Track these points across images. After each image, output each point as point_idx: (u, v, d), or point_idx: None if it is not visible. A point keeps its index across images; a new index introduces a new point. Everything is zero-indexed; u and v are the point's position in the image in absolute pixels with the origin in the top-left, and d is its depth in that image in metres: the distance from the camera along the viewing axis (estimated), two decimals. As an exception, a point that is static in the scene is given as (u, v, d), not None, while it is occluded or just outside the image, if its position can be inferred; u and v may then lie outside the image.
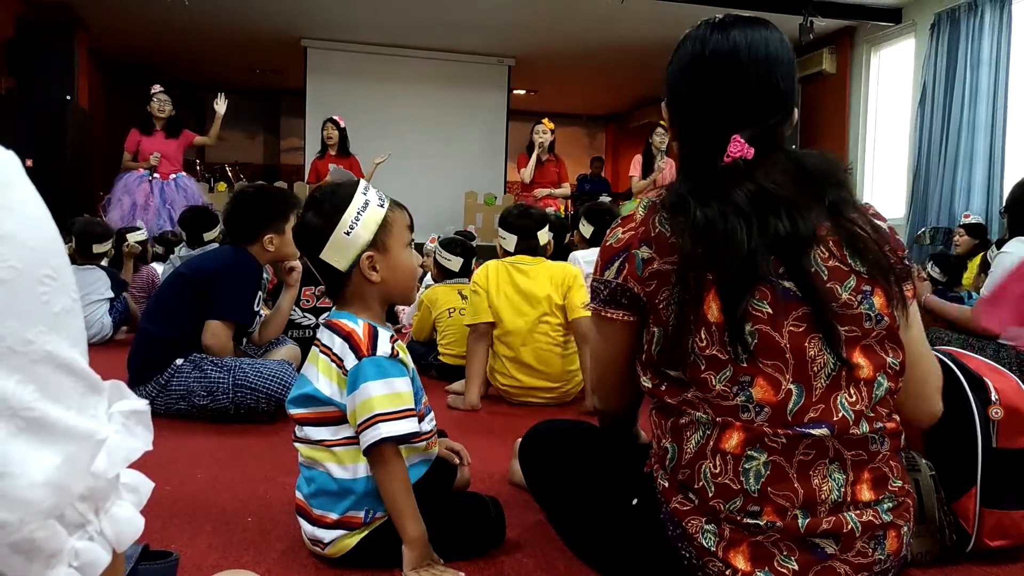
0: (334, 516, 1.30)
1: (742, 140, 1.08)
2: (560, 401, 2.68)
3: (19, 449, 0.42)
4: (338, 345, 1.29)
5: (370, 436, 1.23)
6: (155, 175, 5.87)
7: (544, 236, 2.75)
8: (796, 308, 1.03)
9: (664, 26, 7.23)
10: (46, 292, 0.44)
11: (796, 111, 1.16)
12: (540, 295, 2.57)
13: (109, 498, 0.49)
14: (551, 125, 6.16)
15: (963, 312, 2.91)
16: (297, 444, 1.35)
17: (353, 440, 1.28)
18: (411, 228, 1.38)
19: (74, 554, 0.46)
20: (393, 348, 1.29)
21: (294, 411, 1.34)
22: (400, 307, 4.10)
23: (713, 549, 1.04)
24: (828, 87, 7.48)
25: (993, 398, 1.29)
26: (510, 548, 1.42)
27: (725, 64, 1.12)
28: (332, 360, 1.30)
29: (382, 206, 1.33)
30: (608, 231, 1.17)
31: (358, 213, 1.30)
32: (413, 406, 1.28)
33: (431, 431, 1.41)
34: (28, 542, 0.43)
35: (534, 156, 6.00)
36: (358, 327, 1.29)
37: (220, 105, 6.15)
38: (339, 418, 1.29)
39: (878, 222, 1.12)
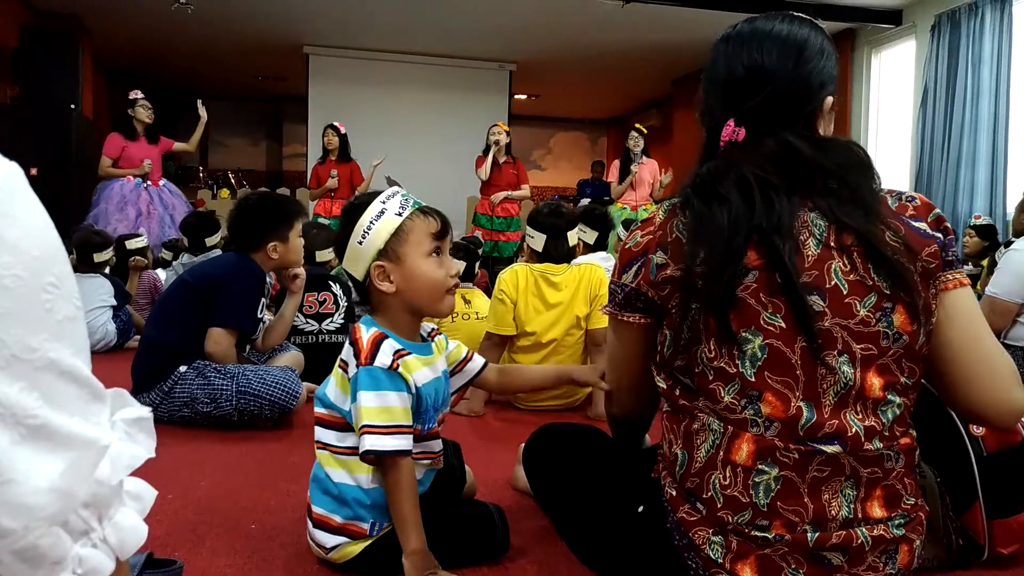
0: (338, 520, 1.30)
1: (732, 123, 1.09)
2: (568, 406, 2.67)
3: (23, 456, 0.42)
4: (346, 350, 1.30)
5: (366, 444, 1.22)
6: (148, 182, 5.81)
7: (574, 237, 2.67)
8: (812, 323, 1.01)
9: (665, 30, 7.26)
10: (49, 300, 0.45)
11: (827, 100, 1.14)
12: (568, 309, 2.54)
13: (112, 505, 0.49)
14: (506, 128, 6.27)
15: None
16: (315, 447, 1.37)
17: (356, 450, 1.28)
18: (439, 235, 1.33)
19: (78, 561, 0.46)
20: (394, 361, 1.26)
21: (315, 409, 1.36)
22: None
23: (720, 561, 1.03)
24: (830, 89, 7.47)
25: None
26: (514, 554, 1.41)
27: (718, 52, 1.15)
28: (340, 365, 1.31)
29: (400, 214, 1.30)
30: (628, 233, 1.17)
31: (371, 222, 1.29)
32: (406, 423, 1.25)
33: (440, 451, 1.40)
34: (32, 549, 0.43)
35: (490, 156, 6.09)
36: (366, 334, 1.28)
37: (203, 111, 6.18)
38: (344, 425, 1.30)
39: (917, 224, 1.06)
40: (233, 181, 10.02)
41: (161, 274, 4.68)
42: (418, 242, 1.31)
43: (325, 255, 3.36)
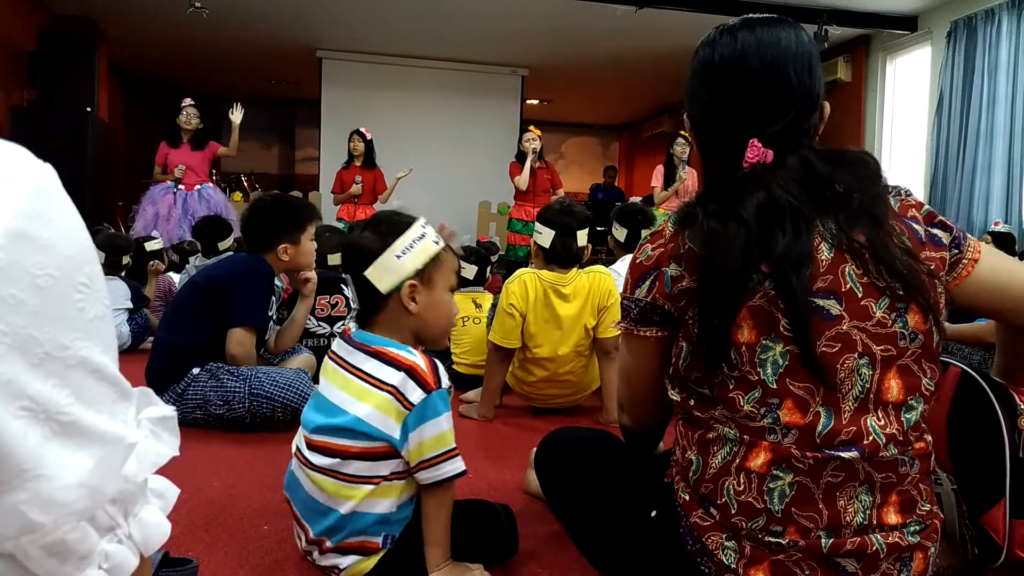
0: (350, 542, 1.28)
1: (759, 144, 1.06)
2: (577, 403, 2.68)
3: (54, 452, 0.43)
4: (398, 379, 1.25)
5: (448, 469, 1.24)
6: (180, 186, 5.97)
7: (583, 238, 2.61)
8: (829, 328, 1.00)
9: (678, 35, 7.25)
10: (81, 299, 0.45)
11: (825, 105, 1.13)
12: (577, 322, 2.51)
13: (138, 502, 0.50)
14: (539, 132, 6.22)
15: (979, 328, 2.86)
16: (317, 475, 1.28)
17: (396, 476, 1.27)
18: (458, 275, 1.40)
19: (104, 556, 0.47)
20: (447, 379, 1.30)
21: (325, 439, 1.28)
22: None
23: (733, 566, 1.03)
24: (843, 95, 7.45)
25: (1020, 409, 1.28)
26: (525, 558, 1.42)
27: (734, 67, 1.09)
28: (391, 394, 1.24)
29: (437, 243, 1.35)
30: (637, 248, 1.16)
31: (413, 241, 1.31)
32: None
33: None
34: (61, 544, 0.44)
35: (527, 165, 6.02)
36: (419, 360, 1.26)
37: (236, 115, 6.22)
38: (383, 453, 1.25)
39: (917, 227, 1.07)
40: (246, 184, 10.06)
41: (175, 277, 4.71)
42: (447, 275, 1.37)
43: (337, 259, 3.37)
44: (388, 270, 1.30)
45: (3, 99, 6.25)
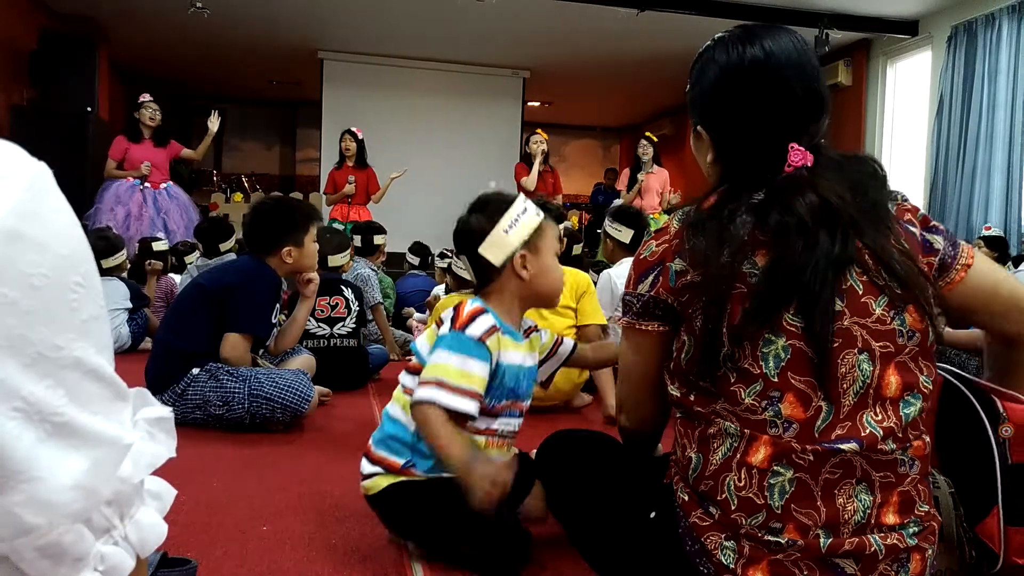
0: (378, 453, 1.43)
1: (801, 148, 1.06)
2: (552, 405, 2.68)
3: (48, 453, 0.43)
4: (447, 313, 1.43)
5: (424, 394, 1.33)
6: (146, 184, 5.88)
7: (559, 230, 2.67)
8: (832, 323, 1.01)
9: (679, 38, 7.26)
10: (75, 299, 0.45)
11: None
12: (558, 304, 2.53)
13: (134, 504, 0.49)
14: (546, 136, 6.26)
15: (975, 334, 2.87)
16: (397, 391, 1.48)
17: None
18: (561, 240, 1.48)
19: (100, 558, 0.47)
20: (484, 335, 1.37)
21: (410, 359, 1.49)
22: (416, 323, 4.12)
23: (732, 566, 1.03)
24: (844, 99, 7.45)
25: (1002, 417, 1.28)
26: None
27: (767, 73, 1.09)
28: (437, 323, 1.44)
29: (539, 215, 1.49)
30: (641, 244, 1.17)
31: (517, 216, 1.44)
32: (480, 390, 1.35)
33: (497, 430, 1.46)
34: (56, 546, 0.44)
35: (535, 166, 6.07)
36: (469, 307, 1.40)
37: (213, 123, 6.19)
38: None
39: (912, 228, 1.09)
40: (247, 185, 10.09)
41: (176, 278, 4.71)
42: (551, 241, 1.51)
43: (338, 260, 3.37)
44: (499, 245, 1.43)
45: (3, 99, 6.24)
